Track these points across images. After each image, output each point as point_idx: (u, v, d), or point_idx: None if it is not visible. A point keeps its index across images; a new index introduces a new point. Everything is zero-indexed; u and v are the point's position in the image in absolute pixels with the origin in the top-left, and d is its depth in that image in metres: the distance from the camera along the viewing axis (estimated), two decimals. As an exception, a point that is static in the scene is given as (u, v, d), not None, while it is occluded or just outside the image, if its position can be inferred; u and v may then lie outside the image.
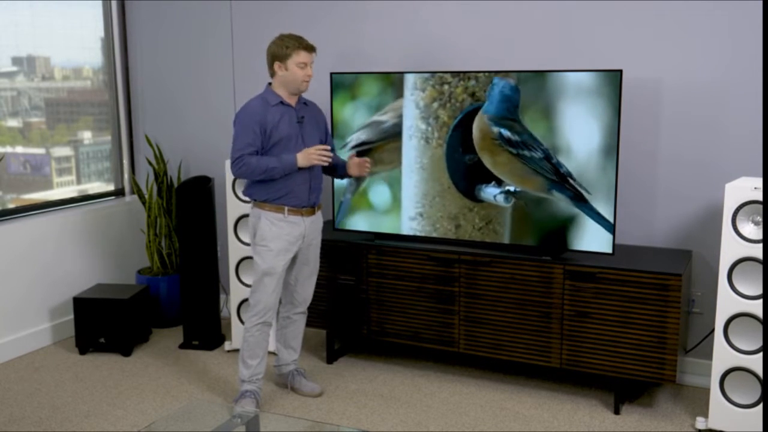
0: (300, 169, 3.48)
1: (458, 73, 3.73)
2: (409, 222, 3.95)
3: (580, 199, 3.56)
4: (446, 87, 3.75)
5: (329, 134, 3.78)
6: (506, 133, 3.59)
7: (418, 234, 3.93)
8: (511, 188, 3.68)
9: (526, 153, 3.58)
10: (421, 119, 3.83)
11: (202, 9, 4.82)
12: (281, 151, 3.49)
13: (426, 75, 3.79)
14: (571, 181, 3.54)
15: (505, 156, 3.63)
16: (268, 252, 3.53)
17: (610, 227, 3.52)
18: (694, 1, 3.65)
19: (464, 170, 3.79)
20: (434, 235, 3.90)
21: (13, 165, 4.66)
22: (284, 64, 3.48)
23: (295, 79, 3.48)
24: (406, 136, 3.88)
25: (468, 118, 3.73)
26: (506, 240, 3.77)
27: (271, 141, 3.48)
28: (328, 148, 3.51)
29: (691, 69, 3.71)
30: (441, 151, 3.82)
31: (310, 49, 3.49)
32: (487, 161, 3.69)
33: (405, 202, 3.94)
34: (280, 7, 4.56)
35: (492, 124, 3.62)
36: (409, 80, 3.83)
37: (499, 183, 3.71)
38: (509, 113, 3.62)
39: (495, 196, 3.71)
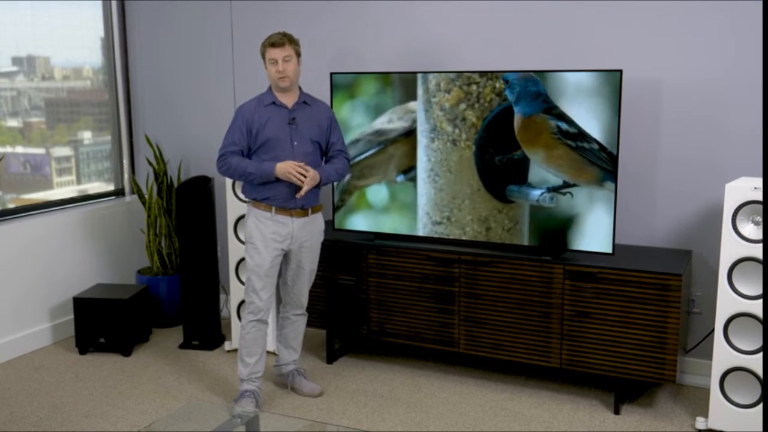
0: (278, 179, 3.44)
1: (486, 72, 3.70)
2: (433, 227, 3.91)
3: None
4: (474, 87, 3.72)
5: (335, 133, 3.69)
6: (564, 126, 3.55)
7: (444, 236, 3.90)
8: (555, 185, 3.63)
9: (585, 145, 3.53)
10: (447, 121, 3.80)
11: (202, 9, 4.82)
12: (269, 151, 3.48)
13: (452, 75, 3.76)
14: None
15: (563, 149, 3.57)
16: (253, 249, 3.53)
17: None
18: (694, 1, 3.65)
19: (495, 171, 3.76)
20: (464, 238, 3.86)
21: (13, 165, 4.66)
22: (264, 64, 3.52)
23: (271, 77, 3.50)
24: (426, 139, 3.84)
25: (497, 118, 3.69)
26: (524, 241, 3.75)
27: (257, 141, 3.50)
28: (308, 169, 3.41)
29: (691, 69, 3.71)
30: (470, 153, 3.79)
31: (275, 44, 3.46)
32: (539, 157, 3.62)
33: (427, 207, 3.90)
34: (280, 7, 4.56)
35: (550, 119, 3.57)
36: (431, 81, 3.79)
37: (528, 183, 3.68)
38: (547, 105, 3.58)
39: (539, 198, 3.66)
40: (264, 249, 3.52)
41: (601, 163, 3.53)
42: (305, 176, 3.43)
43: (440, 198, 3.88)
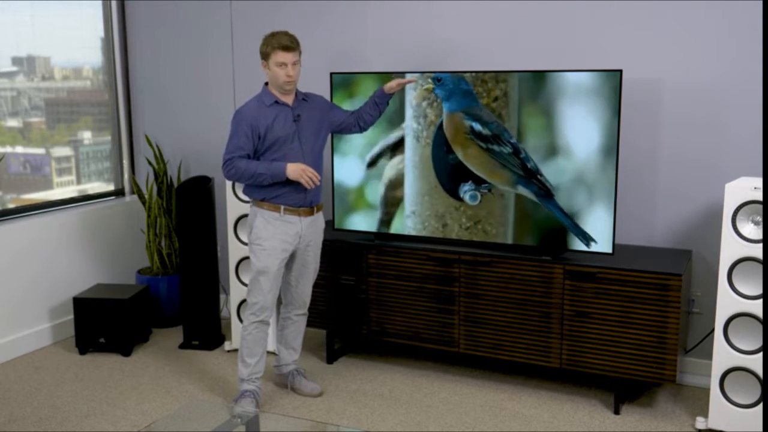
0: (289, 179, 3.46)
1: (455, 72, 3.74)
2: (405, 220, 3.97)
3: (545, 195, 3.62)
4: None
5: (335, 108, 3.72)
6: (477, 127, 3.66)
7: (412, 233, 3.94)
8: (479, 186, 3.74)
9: (495, 147, 3.65)
10: (413, 118, 3.86)
11: (202, 9, 4.82)
12: (277, 152, 3.48)
13: (416, 75, 3.80)
14: (538, 176, 3.60)
15: (476, 149, 3.70)
16: (261, 251, 3.53)
17: (572, 226, 3.60)
18: (694, 1, 3.65)
19: (448, 169, 3.83)
20: (423, 233, 3.92)
21: (13, 165, 4.66)
22: (267, 63, 3.48)
23: (276, 79, 3.47)
24: (406, 135, 3.91)
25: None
26: (508, 240, 3.77)
27: (265, 143, 3.48)
28: (319, 177, 3.47)
29: (692, 69, 3.71)
30: (428, 150, 3.85)
31: (288, 48, 3.43)
32: (459, 154, 3.76)
33: (406, 201, 3.97)
34: (280, 7, 4.56)
35: (465, 118, 3.69)
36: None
37: (478, 182, 3.75)
38: (472, 103, 3.69)
39: (463, 195, 3.78)
40: (272, 249, 3.52)
41: (512, 167, 3.62)
42: (315, 182, 3.45)
43: (410, 193, 3.94)
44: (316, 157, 3.58)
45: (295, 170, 3.43)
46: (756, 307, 3.24)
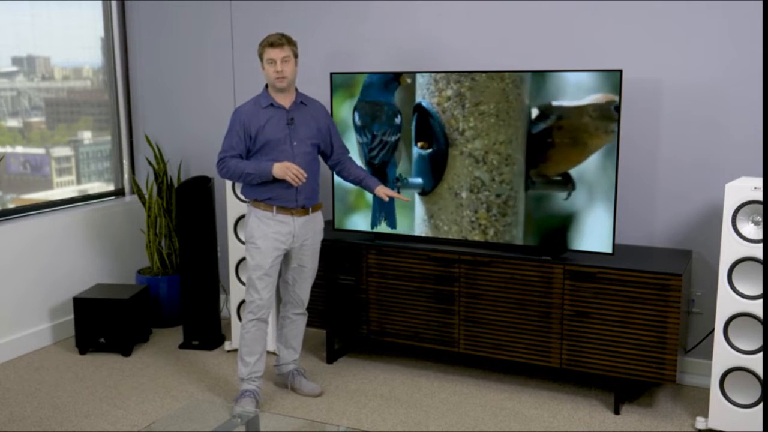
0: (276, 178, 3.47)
1: (437, 72, 3.77)
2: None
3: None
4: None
5: (334, 133, 3.72)
6: (356, 117, 3.94)
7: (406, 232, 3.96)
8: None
9: (357, 137, 3.94)
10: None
11: (202, 9, 4.82)
12: (268, 153, 3.50)
13: (426, 75, 3.81)
14: (374, 168, 3.96)
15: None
16: (255, 249, 3.54)
17: (378, 210, 3.95)
18: (694, 1, 3.66)
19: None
20: (466, 238, 3.91)
21: (13, 165, 4.66)
22: (262, 64, 3.52)
23: (269, 77, 3.51)
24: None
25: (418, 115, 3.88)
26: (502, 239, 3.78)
27: (257, 144, 3.51)
28: (305, 174, 3.46)
29: (691, 69, 3.71)
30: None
31: (275, 44, 3.47)
32: None
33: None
34: (280, 7, 4.56)
35: (354, 111, 3.97)
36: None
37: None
38: (360, 98, 3.95)
39: None
40: (265, 248, 3.53)
41: (364, 157, 3.98)
42: (301, 178, 3.45)
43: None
44: (309, 160, 3.57)
45: (280, 168, 3.44)
46: (756, 307, 3.24)
